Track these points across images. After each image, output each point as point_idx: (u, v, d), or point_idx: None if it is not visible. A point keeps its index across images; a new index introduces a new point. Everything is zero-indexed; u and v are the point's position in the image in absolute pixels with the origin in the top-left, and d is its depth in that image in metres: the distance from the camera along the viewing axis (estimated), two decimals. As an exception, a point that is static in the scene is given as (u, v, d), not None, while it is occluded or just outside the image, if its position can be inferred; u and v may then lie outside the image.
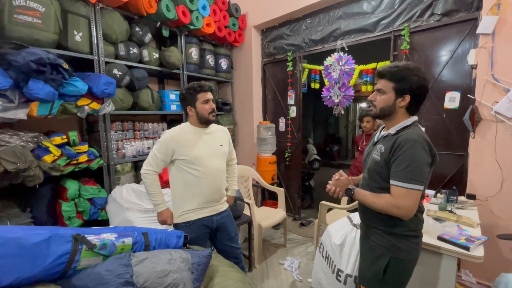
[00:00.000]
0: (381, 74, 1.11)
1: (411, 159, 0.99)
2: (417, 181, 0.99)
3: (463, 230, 1.47)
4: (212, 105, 1.56)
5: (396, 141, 1.04)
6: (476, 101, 2.01)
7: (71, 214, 2.07)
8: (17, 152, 1.71)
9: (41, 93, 1.70)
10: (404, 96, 1.07)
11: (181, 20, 2.69)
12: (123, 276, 0.86)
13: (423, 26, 2.33)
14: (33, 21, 1.81)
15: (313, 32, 3.10)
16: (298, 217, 3.53)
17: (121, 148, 2.55)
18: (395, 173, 1.02)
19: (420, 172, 0.99)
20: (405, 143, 1.01)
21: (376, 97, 1.14)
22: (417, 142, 1.00)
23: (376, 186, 1.13)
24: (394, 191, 1.03)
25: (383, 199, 1.05)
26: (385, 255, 1.11)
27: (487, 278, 1.98)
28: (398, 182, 1.01)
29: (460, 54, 2.17)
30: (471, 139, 2.08)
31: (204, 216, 1.58)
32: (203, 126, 1.59)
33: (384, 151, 1.08)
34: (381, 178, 1.10)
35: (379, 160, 1.09)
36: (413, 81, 1.05)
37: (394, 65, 1.08)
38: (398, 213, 1.01)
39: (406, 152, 1.00)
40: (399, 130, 1.09)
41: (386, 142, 1.10)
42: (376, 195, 1.08)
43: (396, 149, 1.03)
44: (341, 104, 2.98)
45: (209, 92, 1.56)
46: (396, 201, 1.01)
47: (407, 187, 0.99)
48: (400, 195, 1.00)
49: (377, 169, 1.11)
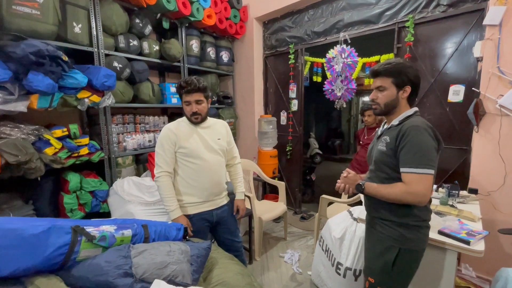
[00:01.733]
0: (377, 73, 1.16)
1: (419, 144, 1.01)
2: (428, 165, 1.01)
3: (464, 225, 1.46)
4: (194, 108, 1.47)
5: (402, 130, 1.06)
6: (481, 94, 1.98)
7: (73, 206, 2.08)
8: (18, 145, 1.72)
9: (41, 85, 1.69)
10: (404, 87, 1.12)
11: (182, 11, 2.65)
12: (122, 267, 0.87)
13: (428, 17, 2.27)
14: (32, 12, 1.79)
15: (316, 24, 3.05)
16: (299, 211, 3.54)
17: (122, 141, 2.55)
18: (405, 160, 1.04)
19: (429, 156, 1.01)
20: (411, 130, 1.03)
21: (378, 95, 1.17)
22: (422, 128, 1.03)
23: (385, 177, 1.14)
24: (406, 178, 1.03)
25: (396, 188, 1.06)
26: (395, 246, 1.12)
27: (487, 272, 1.98)
28: (409, 168, 1.02)
29: (465, 46, 2.13)
30: (475, 133, 2.06)
31: (203, 211, 1.58)
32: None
33: (389, 141, 1.10)
34: (389, 167, 1.12)
35: (385, 150, 1.11)
36: (409, 72, 1.11)
37: (387, 62, 1.14)
38: (413, 199, 1.03)
39: (413, 138, 1.02)
40: (402, 120, 1.12)
41: (390, 132, 1.13)
42: (388, 185, 1.09)
43: (402, 137, 1.05)
44: (343, 98, 2.95)
45: (193, 94, 1.45)
46: (410, 188, 1.01)
47: (419, 172, 1.00)
48: (414, 181, 1.01)
49: (384, 159, 1.12)
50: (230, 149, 1.74)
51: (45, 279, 0.77)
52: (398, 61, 1.14)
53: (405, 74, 1.10)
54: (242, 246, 1.80)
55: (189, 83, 1.45)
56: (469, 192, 1.95)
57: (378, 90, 1.17)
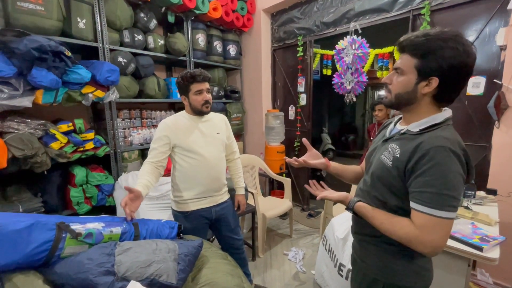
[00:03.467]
0: (402, 47, 0.80)
1: (444, 176, 0.70)
2: (451, 207, 0.71)
3: (478, 229, 1.35)
4: (206, 96, 1.49)
5: (421, 147, 0.73)
6: (503, 86, 1.81)
7: (79, 200, 2.13)
8: (24, 139, 1.76)
9: (45, 80, 1.72)
10: (429, 79, 0.75)
11: (186, 4, 2.61)
12: (104, 265, 0.85)
13: (446, 3, 2.10)
14: (36, 8, 1.81)
15: (325, 14, 2.92)
16: (306, 208, 3.47)
17: (128, 136, 2.58)
18: (420, 195, 0.73)
19: (455, 194, 0.71)
20: (436, 152, 0.71)
21: (393, 79, 0.83)
22: (452, 152, 0.71)
23: (378, 197, 0.86)
24: (418, 219, 0.73)
25: (400, 227, 0.76)
26: (378, 280, 0.88)
27: (505, 278, 1.84)
28: (425, 207, 0.72)
29: (487, 34, 1.95)
30: (496, 128, 1.89)
31: (202, 208, 1.56)
32: (198, 115, 1.55)
33: (399, 155, 0.78)
34: (388, 190, 0.82)
35: (390, 166, 0.80)
36: (445, 56, 0.71)
37: (423, 33, 0.75)
38: (422, 249, 0.74)
39: (438, 167, 0.70)
40: (424, 128, 0.77)
41: (404, 143, 0.79)
42: (388, 219, 0.80)
43: (420, 159, 0.73)
44: (354, 91, 2.82)
45: (203, 82, 1.48)
46: (421, 234, 0.72)
47: (438, 215, 0.71)
48: (429, 226, 0.72)
49: (385, 177, 0.82)
50: (230, 143, 1.71)
51: (23, 276, 0.77)
52: (437, 35, 0.73)
53: (438, 57, 0.72)
54: (243, 243, 1.77)
55: (201, 72, 1.48)
56: (487, 193, 1.80)
57: (396, 72, 0.82)
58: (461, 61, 0.71)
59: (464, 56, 0.71)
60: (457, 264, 1.26)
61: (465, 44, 0.72)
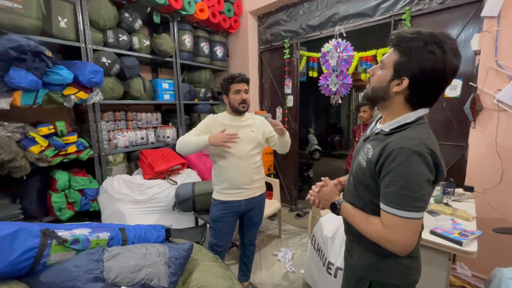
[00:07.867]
0: (390, 40, 0.78)
1: (406, 177, 0.71)
2: (415, 207, 0.71)
3: (458, 224, 1.42)
4: (243, 96, 1.61)
5: (386, 149, 0.74)
6: (478, 89, 1.92)
7: (61, 205, 2.06)
8: (1, 143, 1.68)
9: (23, 82, 1.65)
10: (402, 78, 0.74)
11: (172, 5, 2.58)
12: (92, 272, 0.83)
13: (425, 10, 2.20)
14: (13, 6, 1.74)
15: (311, 18, 2.97)
16: (294, 208, 3.50)
17: (113, 139, 2.51)
18: (385, 195, 0.75)
19: (418, 195, 0.71)
20: (398, 153, 0.71)
21: (375, 72, 0.82)
22: (414, 152, 0.70)
23: (360, 196, 0.87)
24: (385, 219, 0.76)
25: (372, 226, 0.79)
26: (365, 277, 0.89)
27: (483, 271, 1.94)
28: (389, 207, 0.74)
29: (463, 39, 2.06)
30: (472, 129, 2.00)
31: (231, 200, 1.65)
32: (237, 115, 1.67)
33: (370, 156, 0.79)
34: (366, 189, 0.84)
35: (364, 167, 0.81)
36: (420, 58, 0.70)
37: (416, 31, 0.73)
38: (391, 248, 0.75)
39: (399, 168, 0.71)
40: (395, 128, 0.78)
41: (376, 143, 0.80)
42: (365, 218, 0.82)
43: (385, 161, 0.74)
44: (339, 93, 2.89)
45: (241, 83, 1.61)
46: (387, 233, 0.74)
47: (401, 215, 0.72)
48: (393, 225, 0.73)
49: (362, 177, 0.83)
50: (272, 136, 1.75)
51: (6, 286, 0.74)
52: (426, 35, 0.70)
53: (414, 57, 0.71)
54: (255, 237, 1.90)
55: (239, 74, 1.62)
56: (465, 190, 1.90)
57: (379, 66, 0.82)
58: (436, 67, 0.70)
59: (440, 63, 0.69)
60: (439, 258, 1.32)
61: (446, 52, 0.69)
